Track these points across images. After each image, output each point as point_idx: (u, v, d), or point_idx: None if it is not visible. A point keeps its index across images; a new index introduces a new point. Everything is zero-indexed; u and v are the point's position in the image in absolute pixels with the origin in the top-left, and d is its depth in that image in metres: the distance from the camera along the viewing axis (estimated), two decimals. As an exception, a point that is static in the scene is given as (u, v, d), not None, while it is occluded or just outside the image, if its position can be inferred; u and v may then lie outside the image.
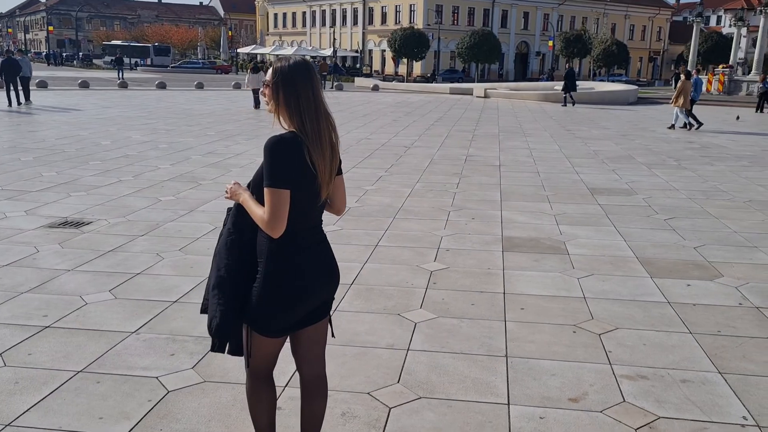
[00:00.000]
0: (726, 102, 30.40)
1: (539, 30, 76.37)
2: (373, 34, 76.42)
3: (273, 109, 2.43)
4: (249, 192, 2.47)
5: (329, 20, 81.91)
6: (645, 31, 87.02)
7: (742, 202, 8.39)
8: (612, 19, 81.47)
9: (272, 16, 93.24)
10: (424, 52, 56.34)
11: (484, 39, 53.99)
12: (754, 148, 14.33)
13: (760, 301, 4.87)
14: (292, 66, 2.35)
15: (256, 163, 10.91)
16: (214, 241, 6.10)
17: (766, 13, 36.46)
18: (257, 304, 2.46)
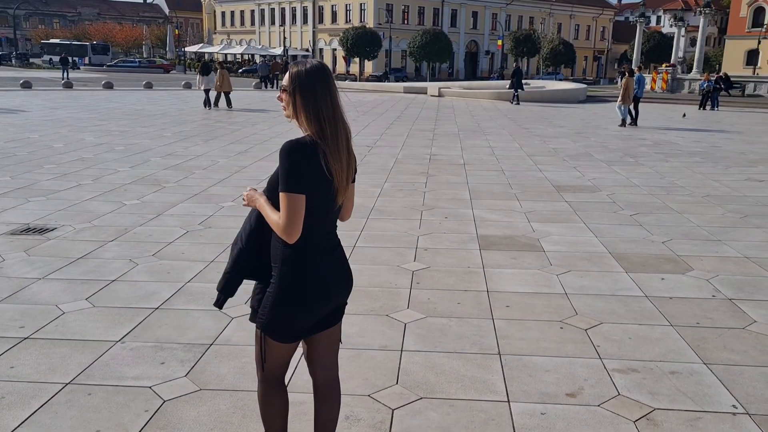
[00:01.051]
0: (670, 100, 31.45)
1: (488, 29, 77.41)
2: (323, 33, 76.14)
3: (290, 114, 2.40)
4: (265, 197, 2.44)
5: (279, 19, 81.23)
6: (589, 30, 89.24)
7: (700, 197, 8.70)
8: (558, 19, 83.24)
9: (219, 15, 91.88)
10: (376, 52, 56.44)
11: (435, 38, 54.43)
12: (703, 144, 14.86)
13: (733, 293, 5.06)
14: (309, 71, 2.33)
15: (218, 165, 10.83)
16: (188, 246, 6.09)
17: (705, 13, 37.84)
18: (271, 309, 2.44)
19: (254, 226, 2.52)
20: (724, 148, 14.23)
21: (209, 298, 4.84)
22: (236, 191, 8.71)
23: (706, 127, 19.17)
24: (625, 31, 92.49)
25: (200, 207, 7.79)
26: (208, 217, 7.30)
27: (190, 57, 77.79)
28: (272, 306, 2.44)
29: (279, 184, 2.29)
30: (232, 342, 4.14)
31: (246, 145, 13.39)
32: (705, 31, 38.45)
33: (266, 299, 2.49)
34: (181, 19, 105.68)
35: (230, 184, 9.25)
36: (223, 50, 77.03)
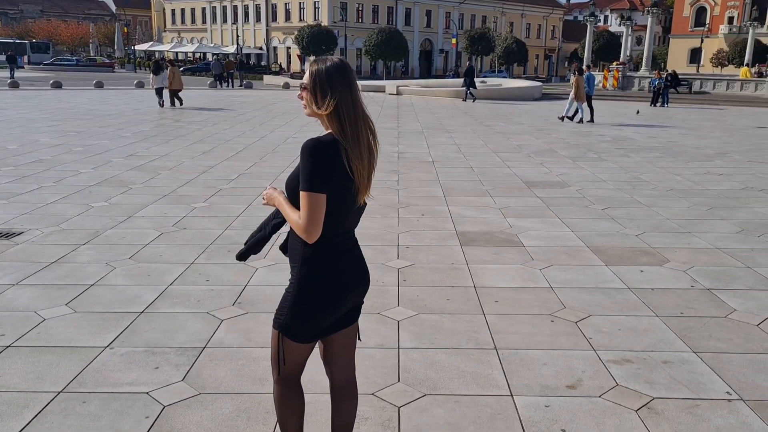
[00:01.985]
0: (621, 97, 32.23)
1: (442, 28, 77.94)
2: (277, 31, 75.40)
3: (311, 112, 2.37)
4: (284, 195, 2.40)
5: (231, 17, 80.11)
6: (540, 29, 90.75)
7: (665, 191, 8.94)
8: (509, 18, 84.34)
9: (169, 12, 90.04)
10: (332, 50, 56.17)
11: (390, 37, 54.51)
12: (660, 140, 15.28)
13: (710, 283, 5.22)
14: (329, 68, 2.30)
15: (184, 165, 10.63)
16: (164, 248, 5.98)
17: (653, 13, 38.90)
18: (290, 309, 2.41)
19: (281, 221, 2.51)
20: (679, 143, 14.67)
21: (194, 301, 4.76)
22: (206, 192, 8.57)
23: (659, 123, 19.71)
24: (574, 30, 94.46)
25: (171, 208, 7.62)
26: (181, 218, 7.15)
27: (140, 55, 76.08)
28: (292, 306, 2.41)
29: (300, 182, 2.26)
30: (225, 344, 4.06)
31: (209, 145, 13.17)
32: (653, 29, 39.51)
33: (284, 299, 2.46)
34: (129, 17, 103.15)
35: (199, 184, 9.09)
36: (174, 48, 75.56)
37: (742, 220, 7.28)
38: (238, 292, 4.97)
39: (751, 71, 37.71)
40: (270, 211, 2.59)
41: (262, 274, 5.38)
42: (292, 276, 2.44)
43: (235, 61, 50.14)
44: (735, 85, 34.63)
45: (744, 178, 9.99)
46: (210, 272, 5.41)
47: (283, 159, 11.46)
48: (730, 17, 75.86)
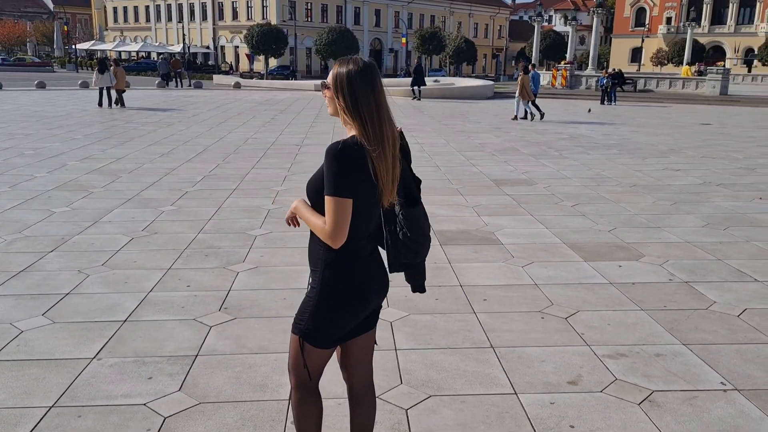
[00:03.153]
0: (570, 95, 32.97)
1: (391, 27, 78.20)
2: (224, 29, 74.32)
3: (333, 111, 2.33)
4: (304, 202, 2.37)
5: (176, 15, 78.53)
6: (487, 29, 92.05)
7: (629, 187, 9.17)
8: (457, 18, 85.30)
9: (111, 10, 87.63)
10: (282, 49, 55.66)
11: (341, 36, 54.35)
12: (614, 137, 15.66)
13: (686, 276, 5.37)
14: (352, 70, 2.25)
15: (145, 168, 10.35)
16: (138, 254, 5.82)
17: (597, 13, 39.91)
18: (313, 315, 2.37)
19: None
20: (633, 140, 15.07)
21: (178, 308, 4.63)
22: (172, 195, 8.36)
23: (610, 121, 20.22)
24: (520, 30, 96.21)
25: (138, 212, 7.41)
26: (150, 223, 6.95)
27: (81, 55, 73.80)
28: (314, 311, 2.36)
29: (324, 186, 2.21)
30: (218, 351, 3.96)
31: (167, 147, 12.86)
32: (598, 29, 40.54)
33: (305, 304, 2.41)
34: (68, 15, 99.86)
35: (163, 187, 8.86)
36: (117, 47, 73.63)
37: (706, 215, 7.52)
38: (222, 297, 4.85)
39: (692, 70, 39.11)
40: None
41: (244, 278, 5.27)
42: (313, 281, 2.40)
43: (181, 60, 49.17)
44: (677, 83, 35.84)
45: (700, 174, 10.33)
46: (190, 277, 5.27)
47: (247, 160, 11.28)
48: (668, 18, 78.56)
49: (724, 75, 33.13)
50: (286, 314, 4.53)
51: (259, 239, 6.38)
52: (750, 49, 71.11)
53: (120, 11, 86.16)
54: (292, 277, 5.31)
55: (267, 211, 7.55)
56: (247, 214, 7.41)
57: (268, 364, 3.80)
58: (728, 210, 7.78)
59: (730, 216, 7.47)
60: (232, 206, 7.77)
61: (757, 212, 7.68)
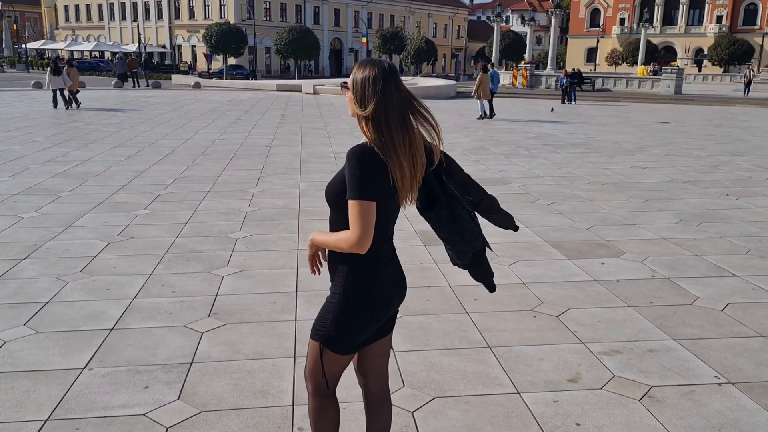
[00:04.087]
0: (531, 95, 33.44)
1: (351, 27, 78.08)
2: (181, 28, 73.14)
3: (353, 112, 2.30)
4: (317, 232, 2.35)
5: (131, 13, 76.96)
6: (446, 29, 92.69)
7: (600, 185, 9.33)
8: (417, 18, 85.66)
9: (62, 8, 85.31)
10: (242, 48, 55.02)
11: (302, 35, 54.00)
12: (579, 135, 15.92)
13: (668, 273, 5.49)
14: (369, 73, 2.21)
15: (112, 171, 10.11)
16: (116, 259, 5.69)
17: (555, 14, 40.56)
18: (335, 321, 2.33)
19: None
20: (598, 138, 15.35)
21: (166, 314, 4.52)
22: (144, 198, 8.18)
23: (572, 120, 20.56)
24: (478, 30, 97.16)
25: (112, 216, 7.22)
26: (125, 227, 6.79)
27: (32, 54, 71.71)
28: (337, 317, 2.33)
29: (347, 190, 2.17)
30: (213, 358, 3.88)
31: (133, 149, 12.58)
32: (556, 30, 41.22)
33: (326, 310, 2.38)
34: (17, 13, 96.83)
35: (134, 190, 8.65)
36: (69, 47, 71.73)
37: (678, 211, 7.71)
38: (210, 302, 4.76)
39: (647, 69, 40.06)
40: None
41: (230, 282, 5.18)
42: (335, 286, 2.37)
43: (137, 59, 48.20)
44: (633, 82, 36.70)
45: (667, 171, 10.58)
46: (173, 283, 5.16)
47: (217, 162, 11.11)
48: (622, 18, 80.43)
49: (678, 75, 34.03)
50: (279, 318, 4.48)
51: (240, 242, 6.28)
52: (700, 49, 73.30)
53: (71, 9, 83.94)
54: (279, 280, 5.25)
55: (245, 213, 7.44)
56: (225, 217, 7.29)
57: (266, 370, 3.75)
58: (698, 207, 7.98)
59: (701, 212, 7.67)
60: (208, 209, 7.64)
61: (725, 208, 7.90)
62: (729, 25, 73.24)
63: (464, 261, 2.56)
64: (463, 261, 2.56)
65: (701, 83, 51.95)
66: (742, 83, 34.74)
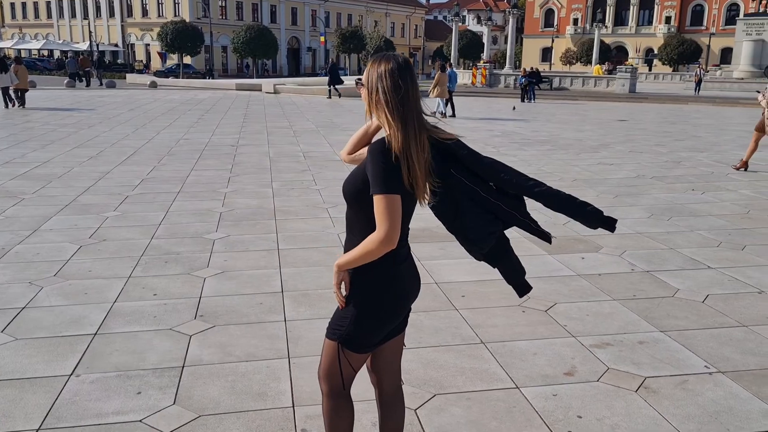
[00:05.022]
0: (490, 93, 33.77)
1: (308, 25, 77.61)
2: (133, 27, 71.59)
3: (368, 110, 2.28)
4: (339, 259, 2.24)
5: (81, 11, 74.98)
6: (404, 28, 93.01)
7: (570, 181, 9.47)
8: (374, 17, 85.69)
9: (8, 6, 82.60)
10: (198, 47, 54.13)
11: (259, 34, 53.42)
12: (543, 133, 16.15)
13: (646, 266, 5.60)
14: (383, 68, 2.19)
15: (75, 172, 9.83)
16: (91, 262, 5.53)
17: (513, 14, 41.12)
18: (355, 320, 2.30)
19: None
20: (562, 136, 15.60)
21: (150, 317, 4.41)
22: (112, 200, 7.97)
23: (533, 118, 20.85)
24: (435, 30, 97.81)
25: (80, 219, 7.01)
26: (96, 230, 6.60)
27: (-23, 53, 69.21)
28: (356, 316, 2.30)
29: (371, 186, 2.14)
30: (205, 361, 3.80)
31: (94, 149, 12.25)
32: (514, 30, 41.75)
33: (345, 309, 2.34)
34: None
35: (100, 192, 8.42)
36: (16, 45, 69.53)
37: (648, 206, 7.88)
38: (194, 304, 4.66)
39: (602, 69, 40.89)
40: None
41: (213, 284, 5.08)
42: (354, 285, 2.32)
43: (90, 58, 47.00)
44: (590, 81, 37.42)
45: (632, 167, 10.81)
46: (154, 285, 5.04)
47: (183, 162, 10.89)
48: (575, 19, 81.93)
49: (632, 74, 34.82)
50: (267, 319, 4.41)
51: (218, 243, 6.17)
52: (650, 49, 75.15)
53: (18, 7, 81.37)
54: (262, 281, 5.17)
55: (219, 214, 7.31)
56: (199, 217, 7.15)
57: (261, 372, 3.68)
58: (667, 201, 8.18)
59: (670, 207, 7.85)
60: (180, 210, 7.48)
61: (693, 203, 8.11)
62: (677, 26, 75.30)
63: (476, 257, 2.56)
64: (476, 257, 2.56)
65: (653, 82, 53.24)
66: (693, 82, 35.74)
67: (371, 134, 2.43)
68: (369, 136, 2.44)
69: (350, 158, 2.47)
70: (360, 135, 2.47)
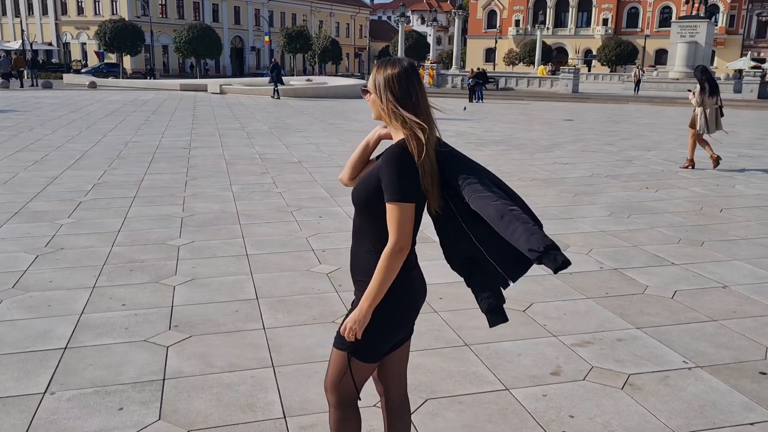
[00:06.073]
0: (439, 94, 34.03)
1: (252, 25, 76.62)
2: (68, 25, 69.20)
3: (377, 115, 2.24)
4: (366, 305, 2.17)
5: (12, 9, 72.02)
6: (349, 28, 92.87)
7: (529, 181, 9.62)
8: (319, 17, 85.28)
9: (-66, 3, 78.53)
10: (139, 46, 52.71)
11: (202, 33, 52.41)
12: (496, 133, 16.37)
13: (614, 264, 5.72)
14: (391, 71, 2.16)
15: (20, 178, 9.43)
16: (51, 272, 5.33)
17: (458, 15, 41.59)
18: (366, 330, 2.26)
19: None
20: (515, 135, 15.84)
21: (122, 329, 4.25)
22: (65, 206, 7.66)
23: (483, 118, 21.13)
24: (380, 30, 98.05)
25: (33, 227, 6.71)
26: (51, 238, 6.32)
27: None
28: (367, 326, 2.25)
29: (387, 194, 2.10)
30: (186, 373, 3.68)
31: (38, 153, 11.77)
32: (460, 31, 42.23)
33: (355, 318, 2.29)
34: None
35: (51, 198, 8.09)
36: (-57, 43, 66.22)
37: (606, 204, 8.07)
38: (167, 314, 4.51)
39: (546, 69, 41.79)
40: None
41: (183, 292, 4.93)
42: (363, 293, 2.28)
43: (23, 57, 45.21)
44: (534, 81, 38.20)
45: (587, 167, 11.06)
46: (121, 295, 4.85)
47: (136, 165, 10.56)
48: (517, 20, 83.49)
49: (575, 74, 35.72)
50: (246, 328, 4.31)
51: (183, 250, 5.99)
52: (589, 50, 77.27)
53: (-57, 3, 77.48)
54: (235, 287, 5.05)
55: (180, 219, 7.11)
56: (160, 223, 6.94)
57: (247, 382, 3.59)
58: (624, 199, 8.39)
59: (628, 205, 8.06)
60: (139, 215, 7.24)
61: (649, 200, 8.35)
62: (614, 27, 77.66)
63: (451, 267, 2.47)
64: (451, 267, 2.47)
65: (593, 82, 54.76)
66: (632, 82, 36.92)
67: (372, 148, 2.38)
68: (370, 150, 2.38)
69: (354, 183, 2.33)
70: (360, 152, 2.36)
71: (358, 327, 2.17)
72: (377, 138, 2.35)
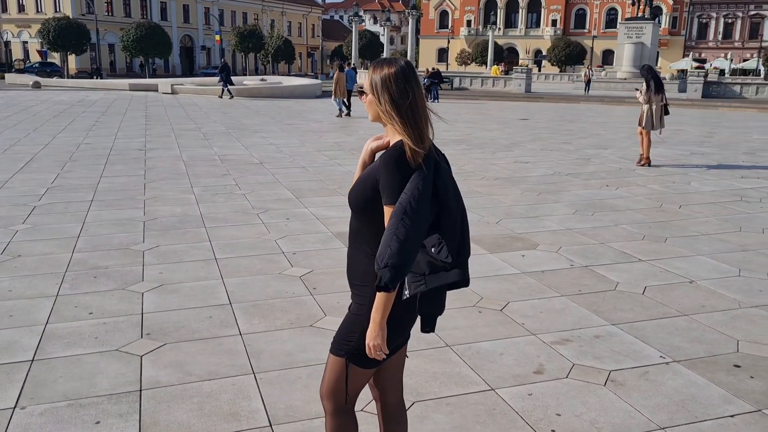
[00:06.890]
0: (393, 93, 34.04)
1: (202, 23, 75.33)
2: (9, 23, 66.74)
3: (375, 117, 2.20)
4: (377, 324, 2.11)
5: (-52, 6, 69.02)
6: (301, 27, 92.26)
7: (493, 180, 9.69)
8: (271, 16, 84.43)
9: None
10: (84, 45, 51.19)
11: (151, 31, 51.24)
12: (456, 133, 16.42)
13: (583, 261, 5.80)
14: (388, 71, 2.13)
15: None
16: (8, 281, 5.33)
17: (412, 15, 41.77)
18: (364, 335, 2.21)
19: None
20: (474, 135, 15.96)
21: (91, 338, 4.09)
22: (18, 211, 7.36)
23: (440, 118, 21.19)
24: (333, 29, 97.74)
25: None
26: (6, 245, 6.06)
27: None
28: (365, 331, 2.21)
29: (384, 197, 2.07)
30: (164, 383, 3.56)
31: (-15, 155, 11.28)
32: (414, 31, 42.39)
33: (353, 324, 2.26)
34: None
35: (4, 202, 7.77)
36: None
37: (570, 203, 8.19)
38: (137, 322, 4.36)
39: (499, 69, 42.31)
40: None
41: (152, 299, 4.78)
42: (360, 297, 2.24)
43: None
44: (488, 81, 38.64)
45: (547, 165, 11.22)
46: (87, 303, 4.68)
47: (90, 168, 10.23)
48: (468, 21, 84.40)
49: (527, 74, 36.27)
50: (221, 334, 4.20)
51: (148, 255, 5.82)
52: (539, 50, 78.68)
53: None
54: (207, 293, 4.92)
55: (142, 223, 6.91)
56: (121, 228, 6.73)
57: (228, 390, 3.49)
58: (586, 197, 8.54)
59: (590, 203, 8.20)
60: (98, 220, 7.01)
61: (610, 198, 8.52)
62: (563, 28, 79.26)
63: None
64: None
65: (544, 82, 55.73)
66: (583, 82, 37.70)
67: (369, 163, 2.34)
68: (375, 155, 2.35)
69: None
70: (366, 160, 2.32)
71: (381, 340, 2.11)
72: (371, 153, 2.31)
